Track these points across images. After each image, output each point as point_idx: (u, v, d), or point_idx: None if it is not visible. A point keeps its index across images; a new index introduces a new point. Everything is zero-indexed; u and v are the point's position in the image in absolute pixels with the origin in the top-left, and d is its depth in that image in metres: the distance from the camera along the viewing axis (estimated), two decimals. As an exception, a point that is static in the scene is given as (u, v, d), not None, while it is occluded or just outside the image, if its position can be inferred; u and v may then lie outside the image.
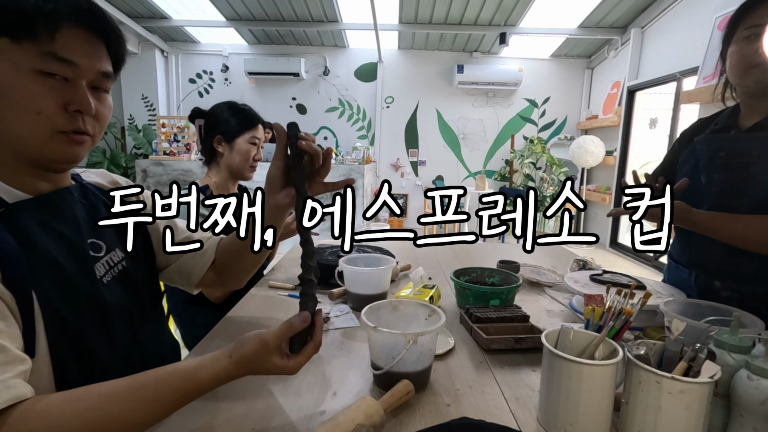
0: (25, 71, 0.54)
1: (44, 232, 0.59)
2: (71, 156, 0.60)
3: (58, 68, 0.56)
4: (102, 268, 0.67)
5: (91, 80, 0.60)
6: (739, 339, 0.61)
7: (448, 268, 1.43)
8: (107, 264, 0.68)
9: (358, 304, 1.10)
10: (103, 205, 0.72)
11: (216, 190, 1.41)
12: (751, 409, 0.55)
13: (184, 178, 4.66)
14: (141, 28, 5.44)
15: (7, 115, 0.55)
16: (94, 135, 0.62)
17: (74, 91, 0.58)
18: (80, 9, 0.57)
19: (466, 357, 0.87)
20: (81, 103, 0.58)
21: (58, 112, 0.57)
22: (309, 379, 0.78)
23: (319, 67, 6.30)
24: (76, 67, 0.57)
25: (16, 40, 0.53)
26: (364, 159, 5.06)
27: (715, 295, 0.98)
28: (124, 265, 0.72)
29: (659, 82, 4.57)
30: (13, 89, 0.54)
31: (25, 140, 0.57)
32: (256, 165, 1.46)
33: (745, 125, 0.97)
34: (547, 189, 6.11)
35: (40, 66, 0.54)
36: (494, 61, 6.19)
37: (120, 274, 0.70)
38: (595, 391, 0.59)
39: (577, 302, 1.14)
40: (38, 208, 0.60)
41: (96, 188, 0.74)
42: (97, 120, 0.62)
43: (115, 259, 0.70)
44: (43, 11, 0.54)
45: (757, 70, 0.86)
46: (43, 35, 0.54)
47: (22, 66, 0.54)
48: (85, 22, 0.58)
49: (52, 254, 0.58)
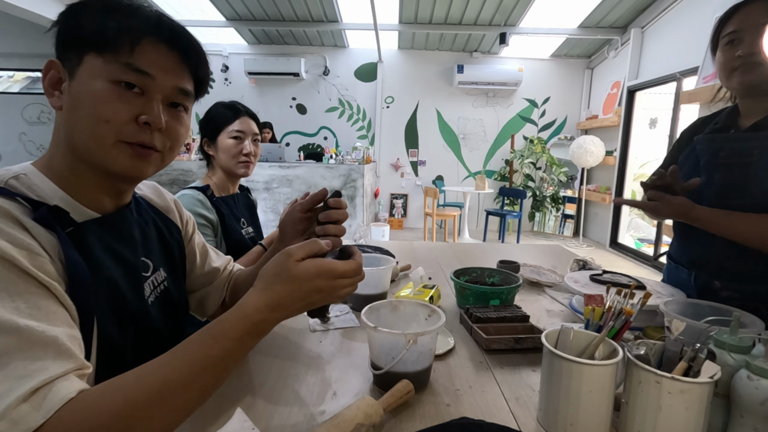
0: (103, 80, 0.54)
1: (105, 252, 0.59)
2: (136, 170, 0.59)
3: (134, 78, 0.56)
4: (148, 288, 0.67)
5: (167, 95, 0.59)
6: (739, 339, 0.61)
7: (448, 268, 1.43)
8: (153, 283, 0.69)
9: (358, 304, 1.10)
10: (153, 224, 0.72)
11: (217, 190, 1.41)
12: (751, 409, 0.55)
13: (184, 178, 4.66)
14: (141, 28, 5.44)
15: (79, 123, 0.55)
16: (164, 151, 0.61)
17: (148, 103, 0.57)
18: (161, 24, 0.58)
19: (466, 357, 0.87)
20: (151, 116, 0.57)
21: (127, 122, 0.56)
22: (309, 379, 0.78)
23: (319, 67, 6.30)
24: (153, 80, 0.57)
25: (98, 52, 0.54)
26: (364, 159, 5.06)
27: (715, 295, 0.98)
28: (165, 285, 0.72)
29: (659, 82, 4.57)
30: (89, 97, 0.54)
31: (90, 148, 0.56)
32: (248, 159, 1.41)
33: (745, 125, 0.98)
34: (547, 189, 6.11)
35: (118, 76, 0.55)
36: (494, 61, 6.20)
37: (162, 294, 0.71)
38: (595, 391, 0.59)
39: (577, 302, 1.14)
40: (102, 229, 0.60)
41: (147, 204, 0.74)
42: (168, 137, 0.61)
43: (159, 279, 0.71)
44: (125, 27, 0.55)
45: (738, 72, 0.91)
46: (124, 48, 0.55)
47: (100, 76, 0.54)
48: (165, 36, 0.58)
49: (111, 275, 0.58)
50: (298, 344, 0.92)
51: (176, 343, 0.63)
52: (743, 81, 0.91)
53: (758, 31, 0.86)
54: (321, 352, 0.88)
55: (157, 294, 0.69)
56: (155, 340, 0.67)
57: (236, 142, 1.39)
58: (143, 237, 0.69)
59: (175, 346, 0.50)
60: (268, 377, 0.77)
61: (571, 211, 6.10)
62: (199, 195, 1.32)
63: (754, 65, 0.87)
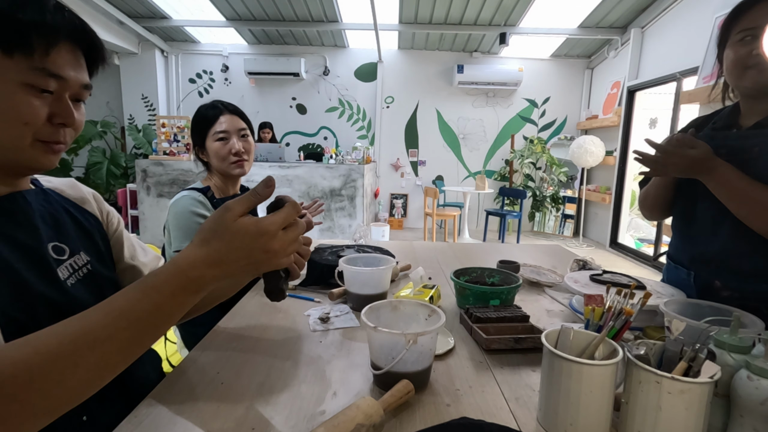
0: (14, 83, 0.54)
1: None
2: (49, 164, 0.61)
3: (48, 83, 0.56)
4: (66, 271, 0.67)
5: (74, 93, 0.60)
6: (739, 339, 0.61)
7: (448, 268, 1.43)
8: (71, 267, 0.68)
9: (358, 304, 1.10)
10: (66, 212, 0.72)
11: (217, 192, 1.41)
12: (751, 409, 0.55)
13: (184, 178, 4.66)
14: (141, 28, 5.45)
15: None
16: (68, 143, 0.63)
17: (59, 104, 0.58)
18: (75, 27, 0.58)
19: (466, 357, 0.87)
20: (65, 117, 0.59)
21: (43, 123, 0.57)
22: (309, 379, 0.78)
23: (319, 67, 6.30)
24: (64, 82, 0.58)
25: (7, 52, 0.53)
26: (364, 159, 5.07)
27: (715, 294, 0.98)
28: (89, 269, 0.72)
29: (659, 82, 4.57)
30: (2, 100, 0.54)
31: (6, 147, 0.57)
32: (241, 158, 1.38)
33: (746, 124, 0.97)
34: (547, 189, 6.11)
35: (31, 80, 0.54)
36: (494, 61, 6.20)
37: (86, 276, 0.70)
38: (595, 391, 0.59)
39: (577, 302, 1.14)
40: None
41: (59, 195, 0.74)
42: (74, 129, 0.63)
43: (80, 263, 0.70)
44: (39, 26, 0.54)
45: (753, 71, 0.88)
46: (39, 50, 0.54)
47: (10, 78, 0.53)
48: (78, 38, 0.59)
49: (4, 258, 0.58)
50: (298, 344, 0.92)
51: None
52: (758, 80, 0.87)
53: None
54: (321, 352, 0.88)
55: (78, 277, 0.69)
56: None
57: (222, 143, 1.36)
58: (55, 223, 0.68)
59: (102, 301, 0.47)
60: (268, 377, 0.77)
61: (571, 211, 6.10)
62: (198, 196, 1.32)
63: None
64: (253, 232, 0.50)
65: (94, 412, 0.65)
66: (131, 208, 5.24)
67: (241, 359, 0.84)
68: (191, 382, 0.75)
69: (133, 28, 5.36)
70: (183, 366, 0.81)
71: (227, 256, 0.49)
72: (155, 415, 0.66)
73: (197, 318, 1.38)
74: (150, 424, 0.63)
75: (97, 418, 0.65)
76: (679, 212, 1.11)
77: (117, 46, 5.46)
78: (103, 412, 0.66)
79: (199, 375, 0.78)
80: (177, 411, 0.67)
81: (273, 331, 0.98)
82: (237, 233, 0.49)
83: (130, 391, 0.72)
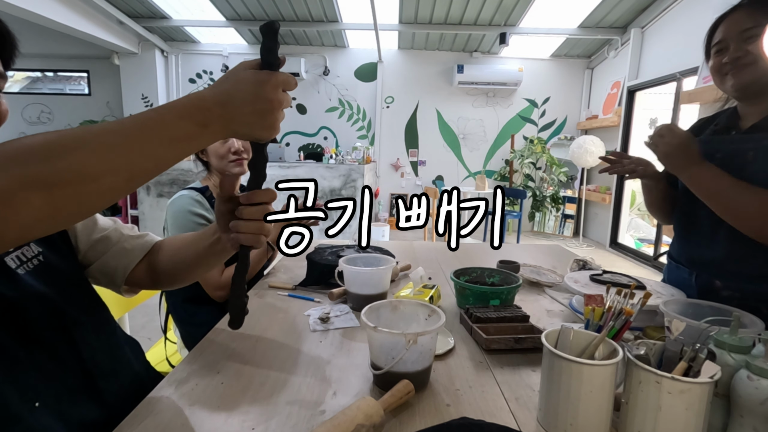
0: None
1: None
2: None
3: None
4: (12, 263, 0.66)
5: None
6: (739, 339, 0.61)
7: (448, 268, 1.43)
8: (19, 258, 0.68)
9: (358, 304, 1.10)
10: None
11: (216, 191, 1.41)
12: (751, 409, 0.55)
13: (183, 178, 4.66)
14: (141, 28, 5.44)
15: None
16: None
17: None
18: None
19: (466, 357, 0.87)
20: None
21: None
22: (309, 379, 0.78)
23: (319, 67, 6.30)
24: None
25: None
26: (364, 159, 5.07)
27: (716, 294, 0.98)
28: (41, 260, 0.71)
29: (659, 82, 4.57)
30: None
31: None
32: (240, 156, 1.38)
33: (745, 126, 0.99)
34: (547, 189, 6.11)
35: None
36: (494, 61, 6.19)
37: (38, 267, 0.70)
38: (595, 391, 0.59)
39: (577, 302, 1.14)
40: None
41: None
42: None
43: (29, 254, 0.70)
44: None
45: (729, 77, 0.95)
46: None
47: None
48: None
49: None
50: (298, 344, 0.92)
51: (74, 316, 0.66)
52: (735, 84, 0.94)
53: (741, 36, 0.92)
54: (321, 352, 0.88)
55: (28, 268, 0.68)
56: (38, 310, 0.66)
57: (221, 142, 1.35)
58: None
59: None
60: (268, 377, 0.77)
61: (571, 211, 6.10)
62: (196, 195, 1.32)
63: (742, 67, 0.92)
64: (259, 79, 0.54)
65: (64, 408, 0.63)
66: (131, 208, 5.24)
67: (241, 359, 0.84)
68: (191, 382, 0.75)
69: (133, 28, 5.36)
70: (183, 366, 0.81)
71: (234, 97, 0.53)
72: (155, 415, 0.66)
73: (196, 318, 1.39)
74: (150, 424, 0.63)
75: (65, 413, 0.63)
76: (679, 215, 1.12)
77: (117, 46, 5.45)
78: (72, 407, 0.64)
79: (199, 375, 0.78)
80: (177, 411, 0.67)
81: (273, 331, 0.98)
82: (245, 78, 0.54)
83: (103, 392, 0.69)
